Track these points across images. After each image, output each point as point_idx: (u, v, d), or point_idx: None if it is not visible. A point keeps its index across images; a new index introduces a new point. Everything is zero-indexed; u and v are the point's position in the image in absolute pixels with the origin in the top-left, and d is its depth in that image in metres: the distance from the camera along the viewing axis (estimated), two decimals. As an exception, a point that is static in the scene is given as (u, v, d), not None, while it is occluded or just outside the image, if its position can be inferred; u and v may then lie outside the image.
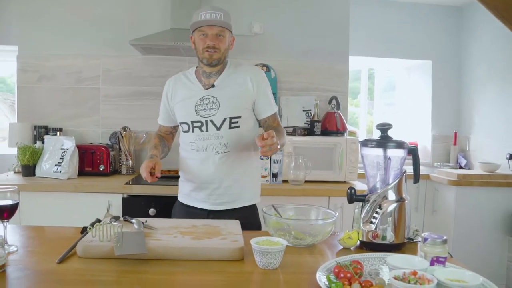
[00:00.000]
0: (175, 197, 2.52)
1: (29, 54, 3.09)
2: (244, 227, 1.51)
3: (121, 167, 2.95)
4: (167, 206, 2.50)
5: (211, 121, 1.76)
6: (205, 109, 1.76)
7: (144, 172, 1.66)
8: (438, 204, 3.42)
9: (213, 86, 1.78)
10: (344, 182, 2.83)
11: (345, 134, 2.97)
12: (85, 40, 3.11)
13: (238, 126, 1.78)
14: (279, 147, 1.62)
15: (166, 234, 1.39)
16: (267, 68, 3.11)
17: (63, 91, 3.11)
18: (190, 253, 1.25)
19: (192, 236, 1.37)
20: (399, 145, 1.47)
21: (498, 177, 3.25)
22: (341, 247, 1.46)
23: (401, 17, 3.91)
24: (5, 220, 1.33)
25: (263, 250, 1.18)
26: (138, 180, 2.74)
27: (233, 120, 1.77)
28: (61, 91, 3.11)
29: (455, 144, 3.97)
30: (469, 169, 3.80)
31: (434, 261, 1.16)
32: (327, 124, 2.93)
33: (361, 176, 2.96)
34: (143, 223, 1.48)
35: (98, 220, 1.56)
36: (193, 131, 1.79)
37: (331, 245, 1.49)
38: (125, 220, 1.54)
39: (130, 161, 2.94)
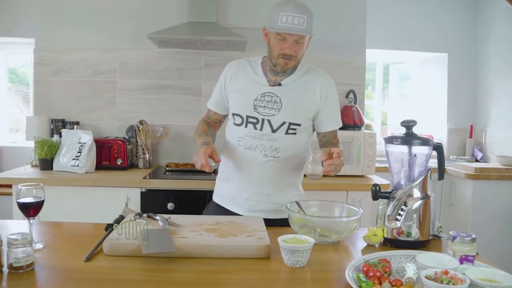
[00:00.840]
0: (194, 192, 2.54)
1: (46, 47, 3.10)
2: None
3: (138, 161, 2.97)
4: (185, 201, 2.53)
5: (269, 121, 1.63)
6: (265, 107, 1.63)
7: (202, 159, 1.51)
8: (455, 197, 3.39)
9: (279, 84, 1.65)
10: (362, 176, 2.82)
11: (362, 128, 2.95)
12: (102, 33, 3.11)
13: (295, 134, 1.66)
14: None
15: (191, 231, 1.39)
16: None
17: (80, 85, 3.12)
18: (217, 251, 1.26)
19: (217, 233, 1.37)
20: (424, 142, 1.46)
21: (516, 171, 3.21)
22: (365, 244, 1.46)
23: (416, 9, 3.85)
24: (31, 218, 1.34)
25: (291, 248, 1.19)
26: (155, 174, 2.75)
27: (292, 126, 1.65)
28: (77, 84, 3.12)
29: (471, 137, 3.93)
30: (485, 162, 3.76)
31: (463, 259, 1.15)
32: (345, 118, 2.90)
33: (378, 170, 2.95)
34: (167, 220, 1.48)
35: (122, 217, 1.58)
36: (246, 126, 1.65)
37: (354, 242, 1.49)
38: (148, 216, 1.54)
39: (147, 155, 2.95)
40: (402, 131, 1.50)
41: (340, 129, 2.82)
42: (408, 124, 1.48)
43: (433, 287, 0.94)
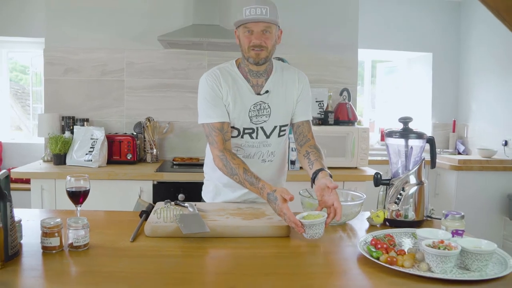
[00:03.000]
0: (201, 183, 2.72)
1: (56, 47, 3.24)
2: None
3: (146, 156, 3.14)
4: (194, 191, 2.70)
5: (262, 128, 1.71)
6: (257, 116, 1.69)
7: (293, 225, 1.41)
8: (440, 187, 3.67)
9: (266, 91, 1.70)
10: (356, 168, 3.05)
11: (356, 123, 3.18)
12: (110, 34, 3.27)
13: (284, 134, 1.77)
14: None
15: (218, 215, 1.58)
16: (282, 61, 3.28)
17: (89, 83, 3.27)
18: (245, 231, 1.45)
19: (241, 217, 1.57)
20: (419, 135, 1.69)
21: (495, 162, 3.50)
22: (368, 225, 1.68)
23: (402, 12, 4.11)
24: (79, 205, 1.51)
25: (310, 223, 1.39)
26: (164, 167, 2.93)
27: (282, 128, 1.74)
28: (87, 83, 3.27)
29: (454, 131, 4.21)
30: (467, 155, 4.05)
31: (454, 233, 1.38)
32: (339, 114, 3.14)
33: (371, 163, 3.19)
34: (194, 205, 1.67)
35: (151, 205, 1.76)
36: (242, 137, 1.72)
37: (357, 224, 1.70)
38: (176, 204, 1.72)
39: (154, 150, 3.12)
40: (389, 126, 1.72)
41: (335, 124, 3.11)
42: (405, 120, 1.71)
43: (433, 252, 1.16)
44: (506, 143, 3.65)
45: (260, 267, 1.23)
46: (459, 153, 4.09)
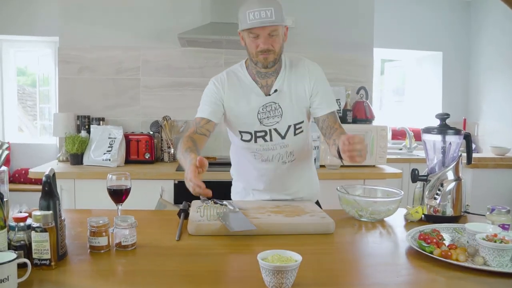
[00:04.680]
0: (221, 182, 2.70)
1: (70, 46, 3.21)
2: None
3: (163, 155, 3.12)
4: (216, 190, 2.68)
5: (275, 129, 1.66)
6: (268, 117, 1.64)
7: (192, 179, 1.37)
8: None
9: (275, 91, 1.64)
10: (374, 166, 3.05)
11: (373, 121, 3.18)
12: (125, 32, 3.24)
13: (302, 131, 1.70)
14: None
15: (259, 213, 1.57)
16: (298, 60, 3.28)
17: (104, 82, 3.25)
18: (290, 228, 1.44)
19: (283, 214, 1.56)
20: (457, 132, 1.69)
21: (509, 160, 3.53)
22: (403, 221, 1.67)
23: (413, 10, 4.13)
24: (119, 204, 1.49)
25: (275, 268, 0.99)
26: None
27: (297, 126, 1.67)
28: (102, 82, 3.24)
29: (464, 130, 4.22)
30: (477, 153, 4.06)
31: (501, 227, 1.38)
32: (357, 113, 3.14)
33: (389, 161, 3.19)
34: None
35: (188, 205, 1.73)
36: (255, 141, 1.67)
37: (392, 220, 1.68)
38: (215, 202, 1.70)
39: (172, 149, 3.10)
40: (401, 125, 1.71)
41: (353, 123, 3.11)
42: (442, 117, 1.71)
43: (489, 245, 1.15)
44: (518, 141, 3.68)
45: (314, 264, 1.22)
46: (470, 151, 4.11)
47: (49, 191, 1.18)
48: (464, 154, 1.75)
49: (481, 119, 4.13)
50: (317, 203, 1.96)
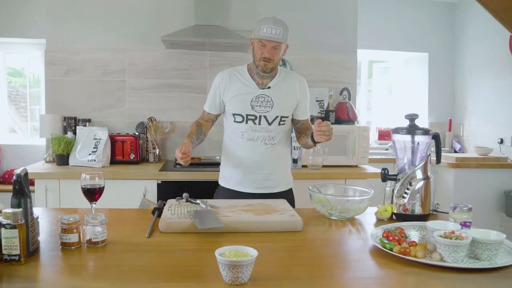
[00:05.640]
0: (206, 182, 2.75)
1: (57, 48, 3.24)
2: None
3: (148, 156, 3.15)
4: (197, 190, 2.73)
5: (265, 116, 2.01)
6: (260, 106, 2.01)
7: (178, 153, 1.84)
8: (438, 185, 3.72)
9: (268, 87, 2.03)
10: (356, 166, 3.09)
11: (356, 122, 3.23)
12: (111, 35, 3.27)
13: (284, 124, 2.06)
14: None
15: (230, 211, 1.61)
16: (283, 62, 3.33)
17: (91, 84, 3.27)
18: (259, 226, 1.49)
19: (254, 212, 1.60)
20: (425, 132, 1.73)
21: (492, 160, 3.57)
22: (374, 219, 1.71)
23: (399, 12, 4.18)
24: (94, 202, 1.53)
25: (230, 263, 1.03)
26: (167, 167, 2.95)
27: (282, 119, 2.03)
28: (88, 83, 3.27)
29: (450, 130, 4.28)
30: (463, 153, 4.12)
31: (462, 225, 1.42)
32: (340, 113, 3.18)
33: (371, 161, 3.23)
34: (206, 202, 1.70)
35: (163, 203, 1.78)
36: (246, 123, 2.02)
37: (365, 218, 1.73)
38: (187, 201, 1.75)
39: (157, 150, 3.14)
40: (387, 126, 1.77)
41: (335, 123, 3.15)
42: (411, 117, 1.75)
43: (445, 242, 1.20)
44: (501, 141, 3.72)
45: (276, 260, 1.26)
46: (455, 152, 4.16)
47: (19, 189, 1.22)
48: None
49: (466, 119, 4.19)
50: (292, 202, 2.12)
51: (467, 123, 4.18)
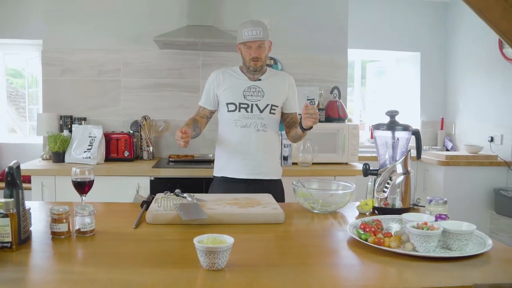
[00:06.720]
0: (197, 179, 2.82)
1: (53, 49, 3.30)
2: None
3: (142, 153, 3.21)
4: (190, 186, 2.80)
5: (256, 105, 2.18)
6: (251, 95, 2.18)
7: (178, 133, 1.97)
8: (428, 183, 3.78)
9: (259, 79, 2.22)
10: (346, 163, 3.15)
11: (346, 120, 3.28)
12: (106, 35, 3.34)
13: (274, 113, 2.22)
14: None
15: (215, 204, 1.67)
16: (275, 61, 3.39)
17: (86, 83, 3.34)
18: (241, 218, 1.54)
19: (238, 205, 1.66)
20: (405, 128, 1.79)
21: (481, 158, 3.63)
22: (357, 213, 1.77)
23: (391, 11, 4.23)
24: (84, 195, 1.59)
25: (207, 249, 1.08)
26: (160, 164, 3.01)
27: (273, 107, 2.20)
28: (84, 83, 3.34)
29: (442, 129, 4.33)
30: (454, 151, 4.17)
31: (438, 217, 1.47)
32: (330, 112, 3.24)
33: (361, 159, 3.29)
34: (193, 196, 1.76)
35: (152, 197, 1.84)
36: (239, 111, 2.18)
37: (348, 212, 1.79)
38: (175, 195, 1.81)
39: (151, 148, 3.20)
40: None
41: (326, 121, 3.21)
42: (392, 114, 1.81)
43: (416, 232, 1.25)
44: (492, 139, 3.78)
45: (255, 249, 1.32)
46: (447, 150, 4.21)
47: (11, 180, 1.28)
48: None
49: (458, 118, 4.24)
50: (282, 195, 2.23)
51: (458, 122, 4.23)
